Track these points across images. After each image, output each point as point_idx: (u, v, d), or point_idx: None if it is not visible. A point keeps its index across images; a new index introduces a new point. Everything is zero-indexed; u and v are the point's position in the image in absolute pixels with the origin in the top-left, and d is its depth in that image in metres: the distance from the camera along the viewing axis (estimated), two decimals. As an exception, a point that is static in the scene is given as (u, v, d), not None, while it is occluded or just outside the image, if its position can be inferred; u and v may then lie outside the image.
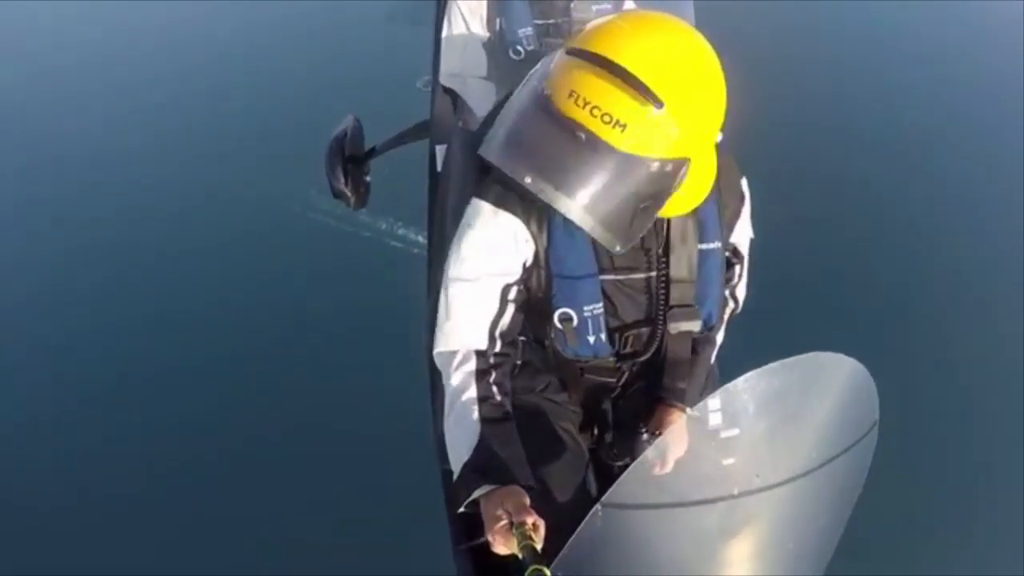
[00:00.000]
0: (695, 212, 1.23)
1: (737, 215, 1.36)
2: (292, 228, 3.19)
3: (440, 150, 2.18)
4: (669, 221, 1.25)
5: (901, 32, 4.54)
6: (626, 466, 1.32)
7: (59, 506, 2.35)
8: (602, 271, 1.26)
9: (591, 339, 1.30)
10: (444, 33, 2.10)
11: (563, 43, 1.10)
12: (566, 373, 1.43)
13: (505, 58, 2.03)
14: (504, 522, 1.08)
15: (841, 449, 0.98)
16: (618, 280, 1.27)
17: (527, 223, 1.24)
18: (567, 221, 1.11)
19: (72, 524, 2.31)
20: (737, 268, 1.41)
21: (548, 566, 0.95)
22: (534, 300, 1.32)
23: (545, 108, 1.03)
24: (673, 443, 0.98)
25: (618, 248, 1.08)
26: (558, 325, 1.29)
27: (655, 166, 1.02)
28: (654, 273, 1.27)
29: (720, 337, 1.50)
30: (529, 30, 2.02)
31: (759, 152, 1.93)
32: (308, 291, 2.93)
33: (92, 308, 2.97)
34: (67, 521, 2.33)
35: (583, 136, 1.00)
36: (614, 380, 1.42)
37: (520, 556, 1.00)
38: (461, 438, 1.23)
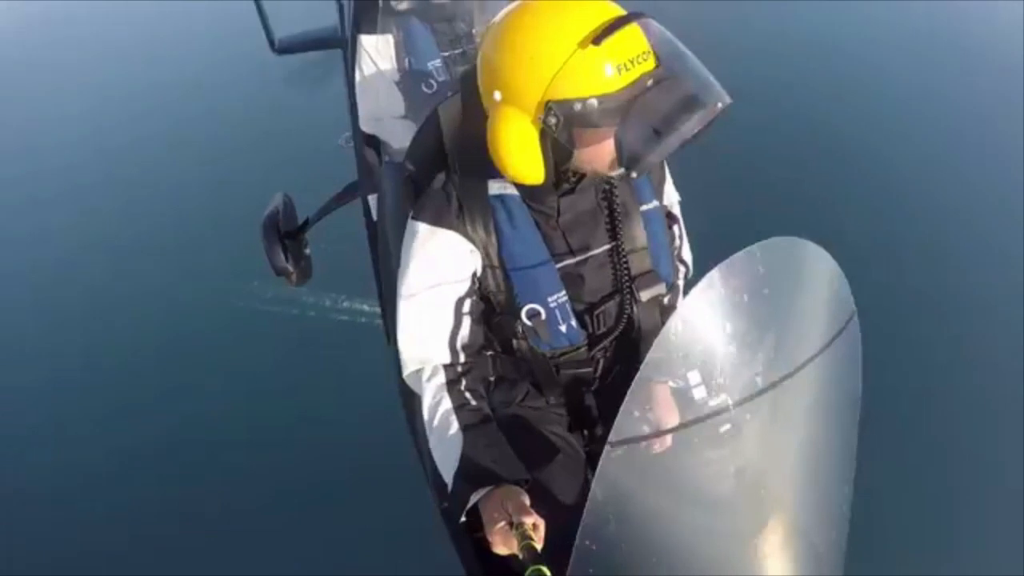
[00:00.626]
0: (627, 177, 1.25)
1: (663, 177, 1.39)
2: (240, 322, 3.12)
3: (373, 199, 2.18)
4: (611, 191, 1.26)
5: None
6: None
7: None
8: (559, 258, 1.26)
9: (563, 328, 1.28)
10: (357, 79, 2.13)
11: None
12: (542, 375, 1.40)
13: (419, 93, 2.07)
14: (503, 522, 1.06)
15: (829, 338, 0.95)
16: (579, 261, 1.27)
17: (467, 234, 1.24)
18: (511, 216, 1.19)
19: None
20: (676, 230, 1.42)
21: (548, 565, 0.95)
22: (498, 304, 1.30)
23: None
24: (664, 417, 0.95)
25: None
26: (528, 322, 1.27)
27: None
28: (609, 245, 1.28)
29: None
30: (438, 62, 2.08)
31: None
32: (266, 379, 2.85)
33: (44, 403, 2.94)
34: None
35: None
36: (591, 371, 1.39)
37: (520, 556, 0.99)
38: (447, 450, 1.21)
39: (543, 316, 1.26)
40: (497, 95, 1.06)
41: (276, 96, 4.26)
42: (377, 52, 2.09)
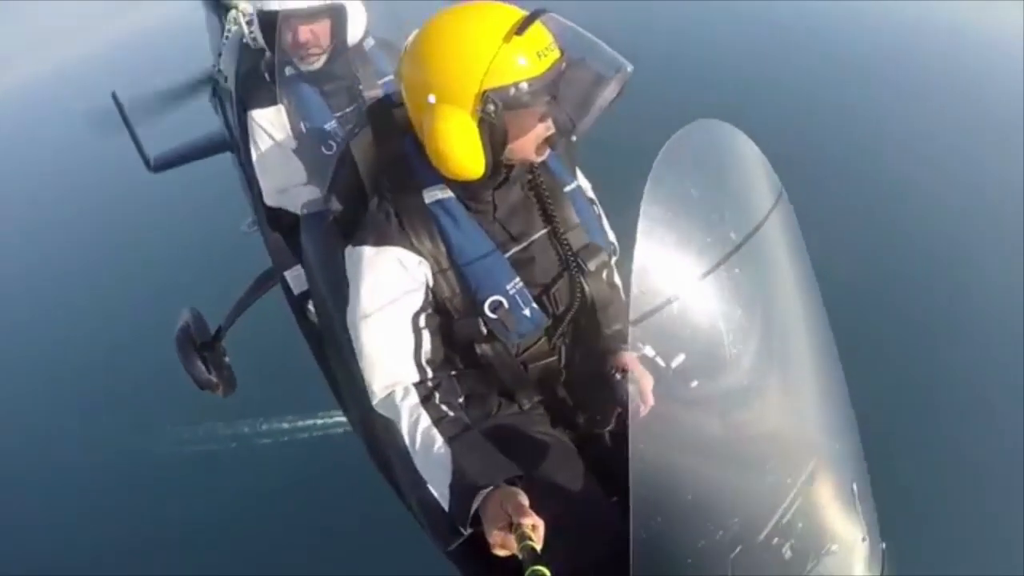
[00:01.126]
0: (544, 162, 1.33)
1: (574, 160, 1.48)
2: (161, 471, 2.88)
3: (292, 274, 2.14)
4: (535, 180, 1.35)
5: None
6: (615, 430, 1.44)
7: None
8: (504, 247, 1.31)
9: (527, 312, 1.30)
10: (254, 156, 2.10)
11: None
12: (511, 377, 1.40)
13: (320, 156, 2.08)
14: (503, 524, 1.08)
15: (768, 211, 1.04)
16: (523, 247, 1.33)
17: (413, 246, 1.27)
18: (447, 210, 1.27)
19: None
20: (595, 210, 1.49)
21: (547, 565, 0.96)
22: (456, 310, 1.32)
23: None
24: (642, 388, 0.97)
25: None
26: (492, 316, 1.29)
27: None
28: (546, 229, 1.35)
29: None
30: (332, 122, 2.11)
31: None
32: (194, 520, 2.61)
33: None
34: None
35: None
36: (556, 360, 1.41)
37: (520, 556, 1.01)
38: (436, 466, 1.21)
39: (506, 305, 1.28)
40: (432, 98, 1.15)
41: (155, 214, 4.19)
42: (271, 124, 2.08)
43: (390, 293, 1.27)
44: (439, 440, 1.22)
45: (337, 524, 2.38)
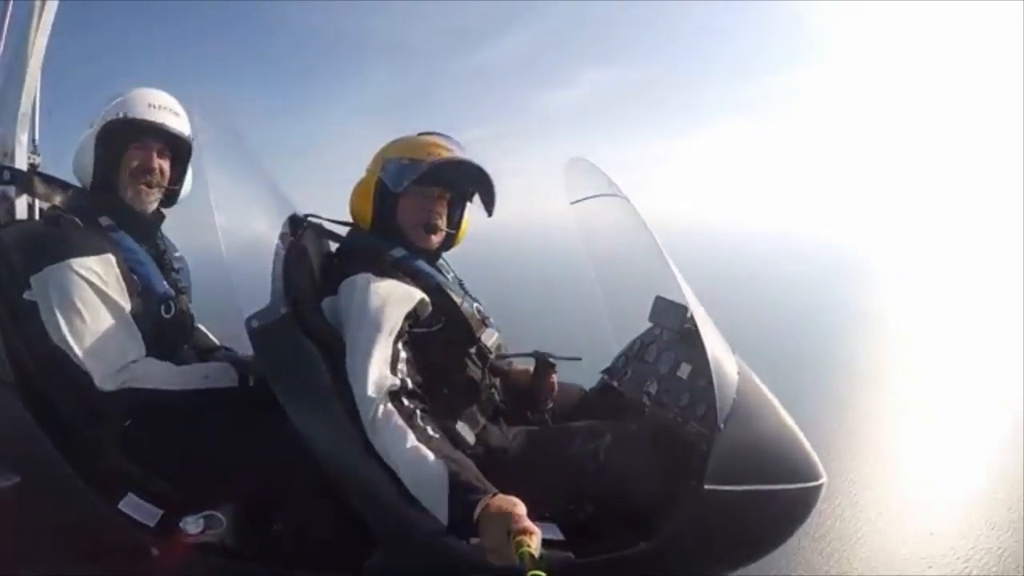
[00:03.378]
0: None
1: None
2: None
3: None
4: None
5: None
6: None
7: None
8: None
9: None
10: (70, 338, 1.67)
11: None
12: (463, 380, 1.73)
13: (159, 319, 1.88)
14: (502, 531, 1.15)
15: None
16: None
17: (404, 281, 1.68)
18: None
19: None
20: None
21: (546, 572, 1.01)
22: (459, 335, 1.73)
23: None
24: None
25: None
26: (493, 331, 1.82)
27: None
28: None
29: None
30: (165, 284, 1.94)
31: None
32: None
33: None
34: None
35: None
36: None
37: (518, 562, 1.06)
38: (430, 481, 1.32)
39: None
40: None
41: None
42: (102, 281, 1.75)
43: (394, 310, 1.56)
44: (431, 457, 1.34)
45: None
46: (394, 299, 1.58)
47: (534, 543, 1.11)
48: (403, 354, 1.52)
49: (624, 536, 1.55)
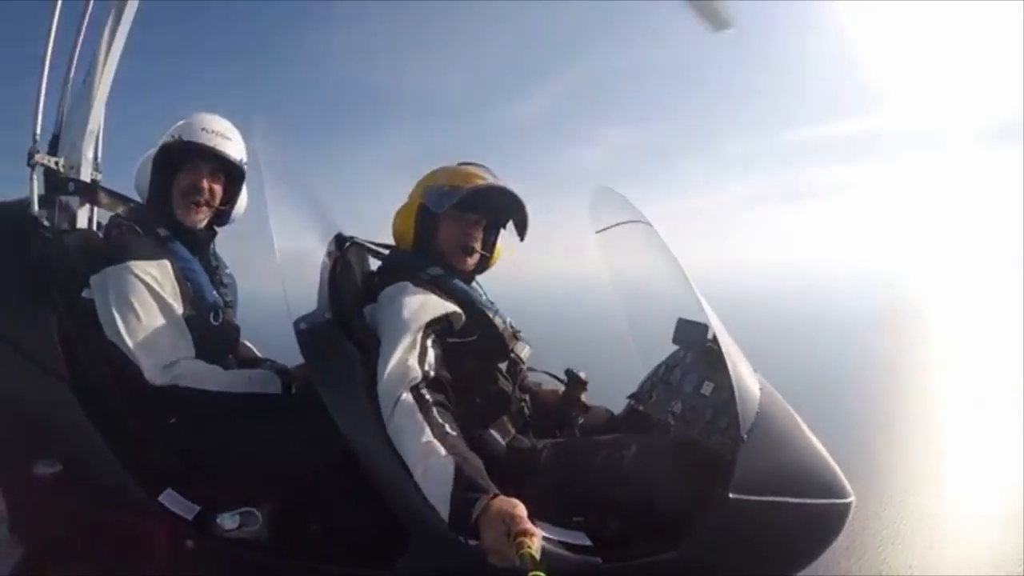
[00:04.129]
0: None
1: None
2: None
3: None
4: None
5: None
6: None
7: None
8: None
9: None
10: (124, 333, 1.76)
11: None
12: (495, 391, 1.83)
13: (207, 325, 1.97)
14: (502, 532, 1.17)
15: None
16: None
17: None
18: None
19: None
20: None
21: (547, 573, 1.03)
22: (493, 349, 1.83)
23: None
24: None
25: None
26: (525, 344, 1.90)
27: None
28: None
29: None
30: (215, 294, 2.05)
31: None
32: None
33: None
34: None
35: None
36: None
37: (519, 563, 1.08)
38: (437, 475, 1.34)
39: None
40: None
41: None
42: (157, 283, 1.85)
43: (428, 310, 1.65)
44: (442, 451, 1.36)
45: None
46: (428, 304, 1.68)
47: (535, 544, 1.12)
48: (432, 351, 1.60)
49: (651, 544, 1.57)
